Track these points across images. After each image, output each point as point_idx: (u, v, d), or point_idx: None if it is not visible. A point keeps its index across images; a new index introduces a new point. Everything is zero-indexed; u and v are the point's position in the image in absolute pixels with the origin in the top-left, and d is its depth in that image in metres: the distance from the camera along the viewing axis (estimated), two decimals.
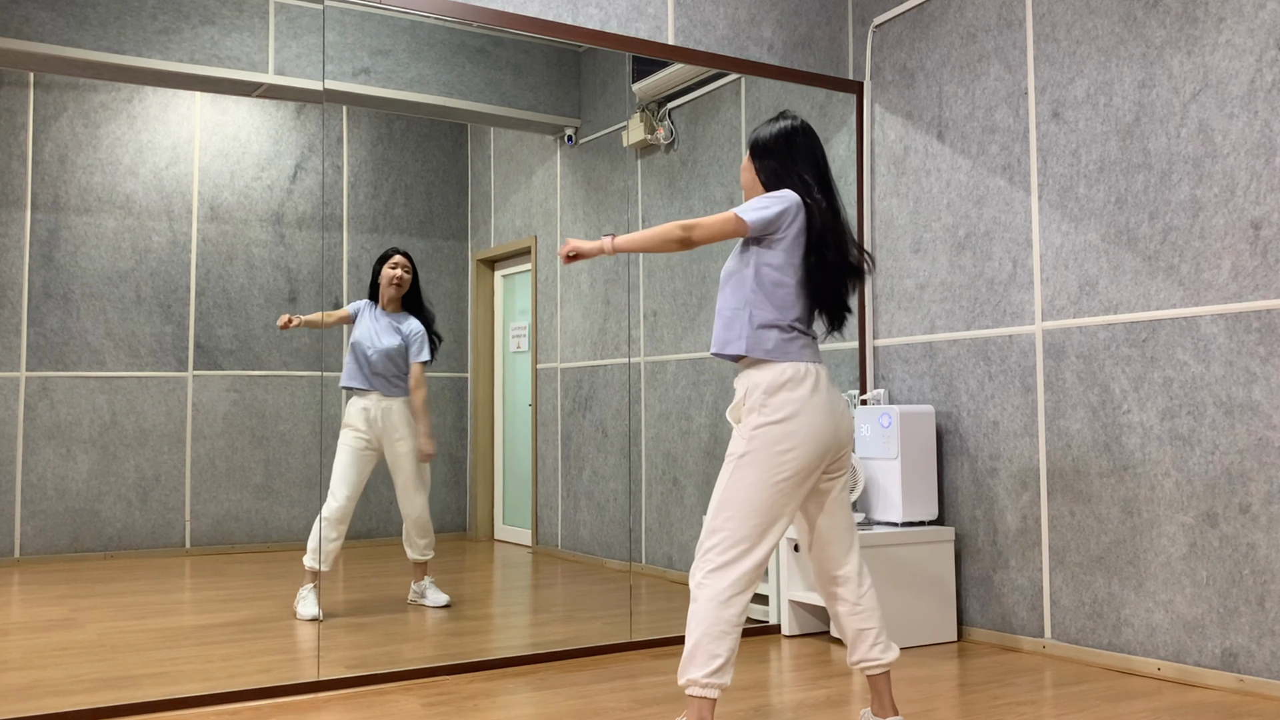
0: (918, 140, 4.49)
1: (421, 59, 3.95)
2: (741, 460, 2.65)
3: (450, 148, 4.14)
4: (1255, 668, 3.33)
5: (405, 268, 3.88)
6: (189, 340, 3.65)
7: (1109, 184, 3.78)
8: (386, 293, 3.86)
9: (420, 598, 3.92)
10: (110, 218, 3.54)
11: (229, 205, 3.72)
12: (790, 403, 2.65)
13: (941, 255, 4.38)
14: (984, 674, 3.66)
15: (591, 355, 4.30)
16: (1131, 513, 3.68)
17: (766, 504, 2.62)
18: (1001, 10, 4.16)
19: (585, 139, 4.33)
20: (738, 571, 2.61)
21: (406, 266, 3.89)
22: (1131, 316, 3.69)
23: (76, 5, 3.41)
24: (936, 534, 4.18)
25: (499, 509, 4.28)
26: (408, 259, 3.89)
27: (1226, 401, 3.42)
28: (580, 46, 4.20)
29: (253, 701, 3.27)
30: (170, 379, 3.61)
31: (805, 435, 2.64)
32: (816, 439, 2.65)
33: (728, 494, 2.65)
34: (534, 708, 3.20)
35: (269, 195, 3.78)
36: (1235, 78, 3.42)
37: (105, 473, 3.50)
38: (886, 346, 4.61)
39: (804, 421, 2.64)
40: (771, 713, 3.16)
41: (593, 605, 4.19)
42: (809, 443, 2.64)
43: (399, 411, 3.88)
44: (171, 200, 3.63)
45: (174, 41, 3.55)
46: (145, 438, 3.56)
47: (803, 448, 2.64)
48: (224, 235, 3.71)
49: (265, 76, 3.70)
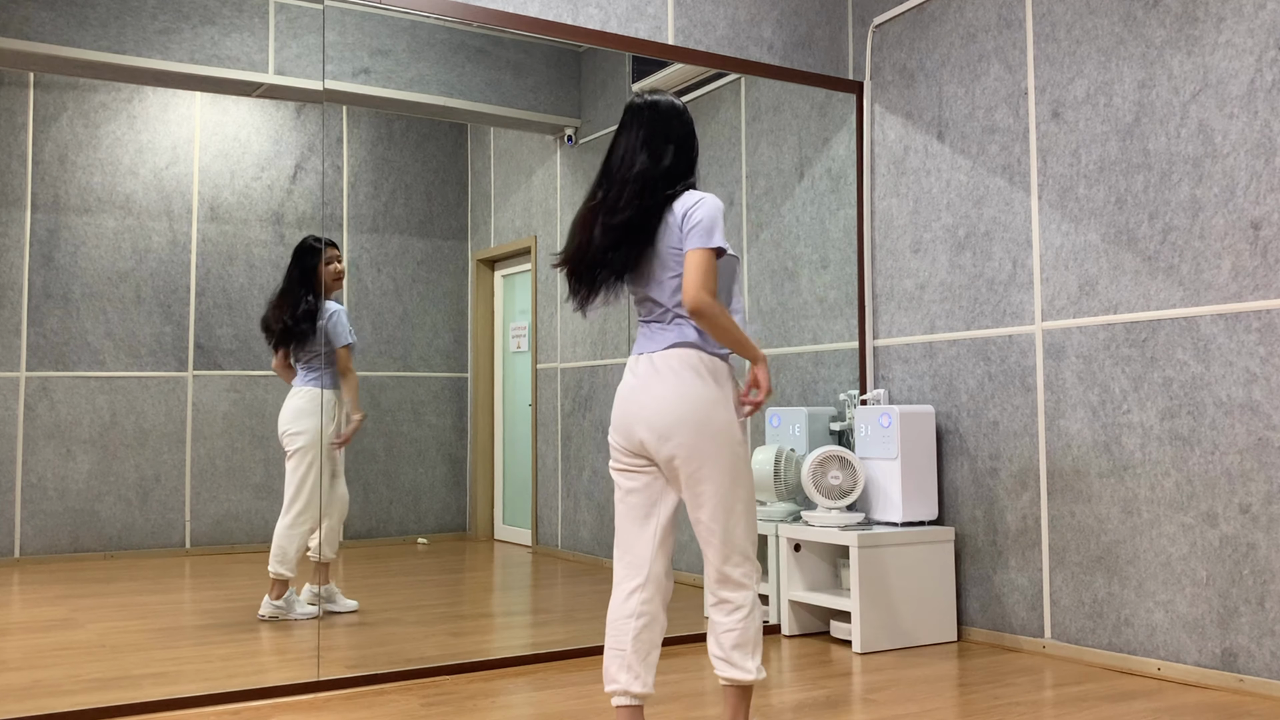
0: (918, 140, 4.49)
1: (421, 59, 3.95)
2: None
3: (450, 148, 4.14)
4: (1255, 668, 3.33)
5: (339, 259, 3.81)
6: (189, 340, 3.65)
7: (1109, 184, 3.78)
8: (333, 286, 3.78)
9: (329, 602, 3.78)
10: (110, 218, 3.54)
11: (229, 205, 3.72)
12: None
13: (941, 255, 4.38)
14: (983, 674, 3.66)
15: (591, 355, 4.31)
16: (1131, 513, 3.68)
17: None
18: (1001, 10, 4.16)
19: (585, 139, 4.33)
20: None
21: (338, 255, 3.82)
22: (1131, 316, 3.70)
23: (76, 5, 3.41)
24: (936, 534, 4.18)
25: (499, 509, 4.28)
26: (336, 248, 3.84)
27: (1226, 401, 3.42)
28: (580, 46, 4.20)
29: (253, 701, 3.27)
30: (170, 379, 3.61)
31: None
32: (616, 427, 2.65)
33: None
34: (534, 708, 3.20)
35: (269, 195, 3.78)
36: (1235, 78, 3.42)
37: (105, 473, 3.50)
38: (886, 346, 4.62)
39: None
40: (771, 713, 3.16)
41: (593, 605, 4.19)
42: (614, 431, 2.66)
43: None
44: (171, 200, 3.63)
45: (174, 41, 3.55)
46: (145, 438, 3.56)
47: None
48: (224, 235, 3.71)
49: (265, 76, 3.70)
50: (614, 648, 2.58)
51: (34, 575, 3.41)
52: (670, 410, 2.53)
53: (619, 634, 2.57)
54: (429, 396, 4.04)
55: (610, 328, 4.29)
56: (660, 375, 2.56)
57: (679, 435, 2.53)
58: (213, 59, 3.61)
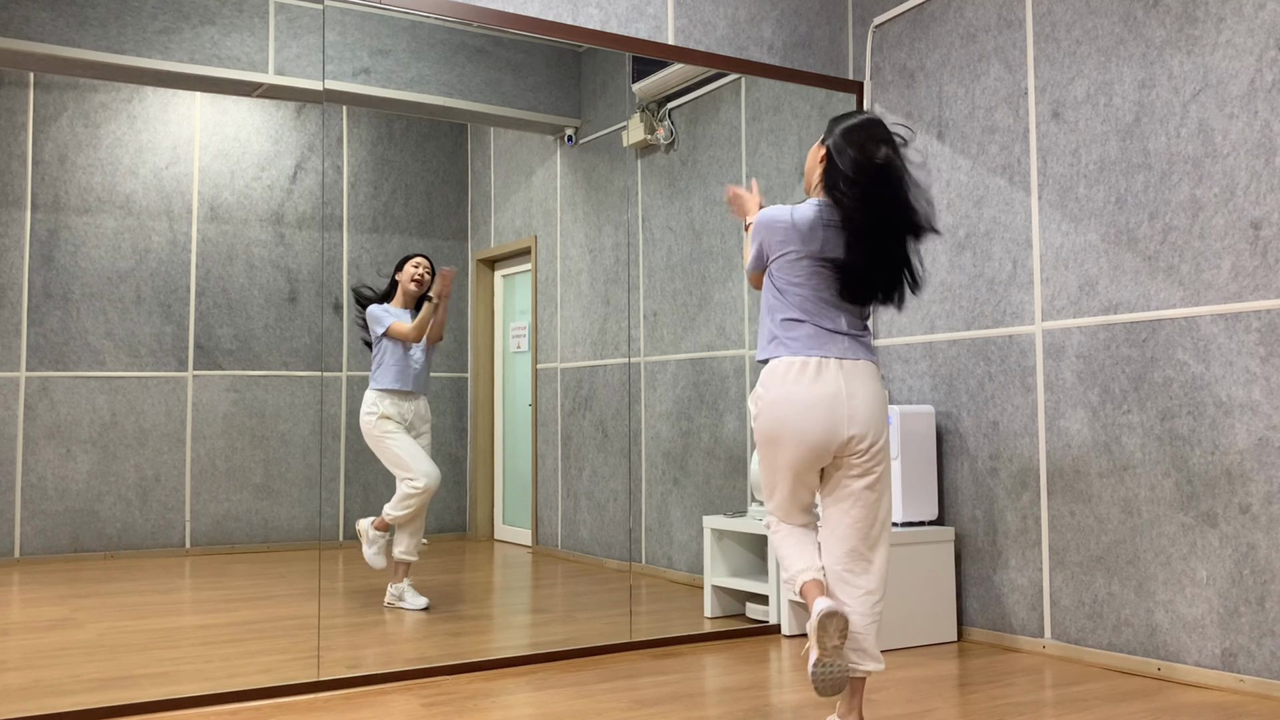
0: (918, 140, 4.49)
1: (421, 59, 3.95)
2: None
3: (450, 148, 4.14)
4: (1255, 668, 3.33)
5: (427, 268, 3.95)
6: (189, 340, 3.66)
7: (1109, 184, 3.78)
8: (409, 291, 3.92)
9: (399, 600, 3.91)
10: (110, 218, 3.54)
11: (229, 205, 3.72)
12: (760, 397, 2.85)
13: (941, 255, 4.38)
14: (984, 674, 3.66)
15: (591, 355, 4.31)
16: (1131, 513, 3.68)
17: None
18: (1001, 10, 4.16)
19: (585, 139, 4.33)
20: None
21: (429, 268, 3.96)
22: (1131, 316, 3.70)
23: (76, 5, 3.41)
24: (936, 534, 4.18)
25: (499, 509, 4.28)
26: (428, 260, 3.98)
27: (1226, 401, 3.42)
28: (580, 46, 4.20)
29: (253, 701, 3.27)
30: (170, 379, 3.62)
31: (777, 425, 2.81)
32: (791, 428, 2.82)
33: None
34: (534, 708, 3.20)
35: (269, 195, 3.79)
36: (1235, 78, 3.42)
37: (105, 473, 3.51)
38: (886, 346, 4.62)
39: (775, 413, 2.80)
40: (771, 713, 3.16)
41: (592, 605, 4.19)
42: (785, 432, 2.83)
43: (425, 407, 3.94)
44: (171, 200, 3.63)
45: (174, 41, 3.55)
46: (145, 438, 3.57)
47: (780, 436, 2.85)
48: (224, 235, 3.71)
49: (265, 76, 3.70)
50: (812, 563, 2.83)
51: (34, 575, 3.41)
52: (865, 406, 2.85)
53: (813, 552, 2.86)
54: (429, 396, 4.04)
55: (610, 328, 4.29)
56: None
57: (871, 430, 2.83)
58: (213, 59, 3.61)
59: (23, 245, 3.42)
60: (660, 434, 4.39)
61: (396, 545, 3.87)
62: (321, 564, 3.73)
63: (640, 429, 4.36)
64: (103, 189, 3.53)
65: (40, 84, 3.46)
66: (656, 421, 4.40)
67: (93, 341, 3.51)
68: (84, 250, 3.50)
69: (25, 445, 3.40)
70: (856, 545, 2.78)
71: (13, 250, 3.41)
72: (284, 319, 3.80)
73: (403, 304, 3.90)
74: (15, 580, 3.39)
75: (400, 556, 3.87)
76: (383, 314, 3.87)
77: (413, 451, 3.87)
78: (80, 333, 3.49)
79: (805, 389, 2.72)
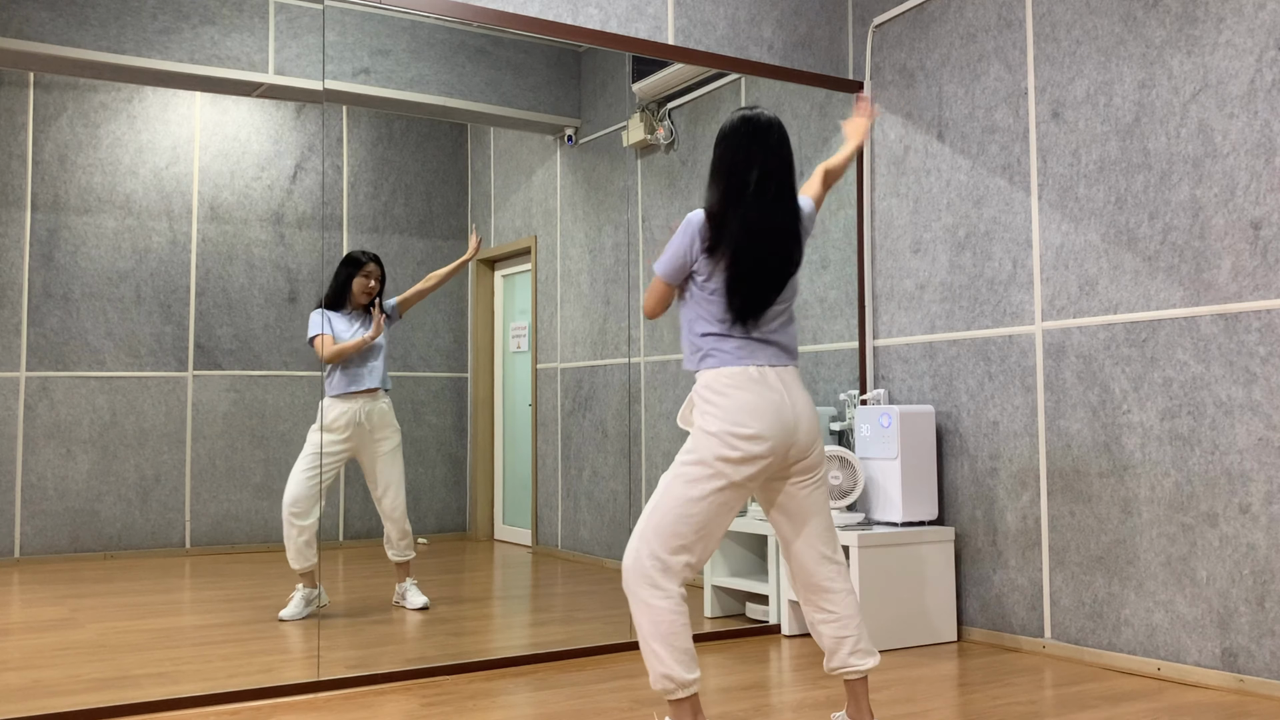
0: (918, 140, 4.49)
1: (421, 59, 3.95)
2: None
3: (450, 148, 4.14)
4: (1255, 668, 3.33)
5: (379, 277, 3.85)
6: (189, 340, 3.66)
7: (1109, 184, 3.78)
8: (358, 300, 3.80)
9: (401, 599, 3.91)
10: (110, 218, 3.54)
11: (229, 205, 3.72)
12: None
13: (941, 255, 4.38)
14: (983, 674, 3.66)
15: (591, 355, 4.31)
16: (1131, 513, 3.68)
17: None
18: (1001, 10, 4.16)
19: (585, 139, 4.33)
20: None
21: (380, 275, 3.85)
22: (1131, 316, 3.70)
23: (76, 5, 3.41)
24: (936, 534, 4.18)
25: (499, 509, 4.28)
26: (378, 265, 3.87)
27: (1226, 401, 3.42)
28: (580, 46, 4.20)
29: (253, 701, 3.27)
30: (170, 379, 3.62)
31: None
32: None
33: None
34: (534, 708, 3.20)
35: (269, 195, 3.79)
36: (1235, 78, 3.42)
37: (105, 473, 3.51)
38: (886, 346, 4.62)
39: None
40: (771, 713, 3.16)
41: (593, 605, 4.19)
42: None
43: (385, 406, 3.85)
44: (171, 200, 3.63)
45: (174, 41, 3.55)
46: (145, 438, 3.57)
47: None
48: (224, 235, 3.71)
49: (265, 76, 3.70)
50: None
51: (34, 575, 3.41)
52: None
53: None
54: (429, 396, 4.04)
55: (610, 328, 4.29)
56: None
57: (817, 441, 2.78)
58: (213, 59, 3.61)
59: (23, 245, 3.42)
60: (660, 434, 4.39)
61: (386, 547, 3.87)
62: (321, 564, 3.73)
63: (640, 429, 4.36)
64: (103, 189, 3.53)
65: (40, 84, 3.46)
66: (656, 421, 4.39)
67: (93, 341, 3.51)
68: (84, 250, 3.50)
69: (25, 445, 3.40)
70: (824, 551, 2.75)
71: (13, 250, 3.41)
72: (284, 319, 3.80)
73: (350, 309, 3.80)
74: (15, 580, 3.39)
75: (392, 558, 3.85)
76: (319, 320, 3.74)
77: (296, 467, 3.73)
78: (80, 333, 3.49)
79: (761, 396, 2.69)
